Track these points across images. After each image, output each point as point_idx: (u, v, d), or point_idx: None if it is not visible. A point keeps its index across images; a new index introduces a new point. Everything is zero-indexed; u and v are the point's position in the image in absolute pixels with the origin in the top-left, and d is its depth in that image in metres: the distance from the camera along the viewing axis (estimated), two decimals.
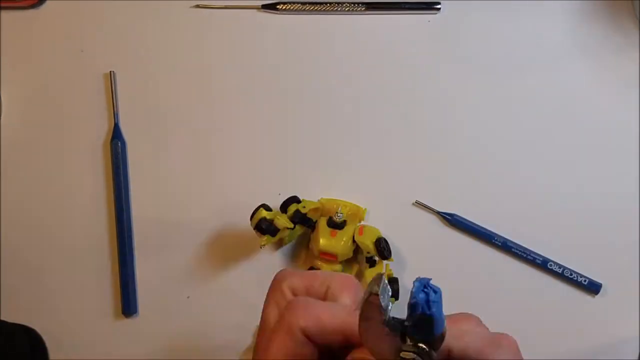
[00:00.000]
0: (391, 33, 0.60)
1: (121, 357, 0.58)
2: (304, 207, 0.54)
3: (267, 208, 0.54)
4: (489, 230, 0.57)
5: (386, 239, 0.55)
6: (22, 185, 0.60)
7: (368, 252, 0.54)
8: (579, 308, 0.56)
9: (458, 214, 0.57)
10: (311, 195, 0.57)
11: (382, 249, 0.54)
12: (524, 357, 0.58)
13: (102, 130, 0.60)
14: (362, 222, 0.56)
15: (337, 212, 0.54)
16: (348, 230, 0.54)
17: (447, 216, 0.57)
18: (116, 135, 0.59)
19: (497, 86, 0.59)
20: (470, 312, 0.32)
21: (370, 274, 0.55)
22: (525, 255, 0.56)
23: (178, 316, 0.58)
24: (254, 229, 0.54)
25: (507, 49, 0.59)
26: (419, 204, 0.58)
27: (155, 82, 0.61)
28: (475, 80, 0.59)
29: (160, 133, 0.60)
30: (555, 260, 0.56)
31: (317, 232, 0.55)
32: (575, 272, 0.56)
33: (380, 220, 0.57)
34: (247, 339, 0.57)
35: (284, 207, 0.55)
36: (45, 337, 0.55)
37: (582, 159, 0.58)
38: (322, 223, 0.55)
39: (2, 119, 0.61)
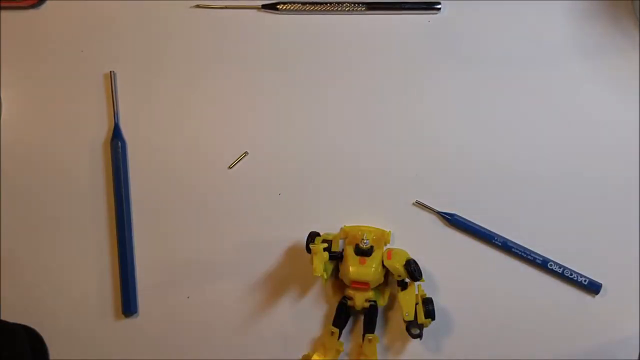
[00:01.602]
0: (391, 33, 0.60)
1: (121, 357, 0.58)
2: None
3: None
4: (489, 230, 0.57)
5: (415, 260, 0.54)
6: (22, 185, 0.60)
7: (399, 275, 0.53)
8: (579, 308, 0.56)
9: (458, 214, 0.57)
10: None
11: (413, 270, 0.53)
12: (524, 358, 0.59)
13: (102, 130, 0.60)
14: (388, 245, 0.56)
15: (362, 239, 0.54)
16: (376, 255, 0.53)
17: (447, 216, 0.57)
18: (116, 135, 0.59)
19: (497, 86, 0.59)
20: None
21: (402, 297, 0.53)
22: (525, 255, 0.56)
23: (178, 316, 0.58)
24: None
25: (507, 49, 0.59)
26: (419, 204, 0.58)
27: (155, 82, 0.61)
28: (475, 80, 0.59)
29: (160, 133, 0.60)
30: (555, 260, 0.56)
31: (345, 262, 0.54)
32: (575, 272, 0.56)
33: (381, 220, 0.57)
34: (248, 339, 0.57)
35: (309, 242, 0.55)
36: (45, 337, 0.55)
37: (582, 159, 0.58)
38: (350, 252, 0.54)
39: (2, 119, 0.61)
